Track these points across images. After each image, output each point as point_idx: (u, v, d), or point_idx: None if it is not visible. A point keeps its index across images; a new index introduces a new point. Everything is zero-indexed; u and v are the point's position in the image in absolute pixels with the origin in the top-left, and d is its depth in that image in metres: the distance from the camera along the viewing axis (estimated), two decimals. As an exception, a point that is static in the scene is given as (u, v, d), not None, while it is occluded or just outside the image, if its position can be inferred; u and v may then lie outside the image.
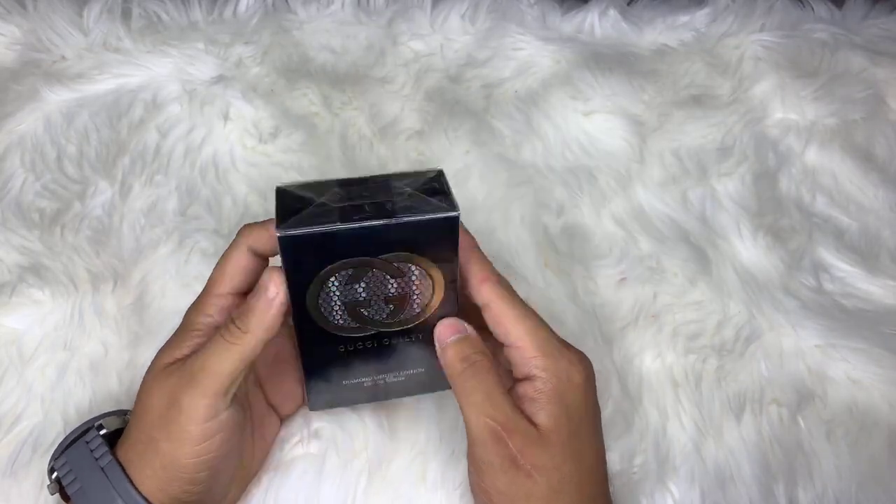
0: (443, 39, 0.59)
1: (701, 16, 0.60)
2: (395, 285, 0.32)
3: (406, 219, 0.30)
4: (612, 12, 0.60)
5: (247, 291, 0.34)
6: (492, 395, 0.32)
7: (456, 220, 0.31)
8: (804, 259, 0.50)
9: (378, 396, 0.38)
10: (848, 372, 0.45)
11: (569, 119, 0.55)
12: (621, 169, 0.53)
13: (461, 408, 0.33)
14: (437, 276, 0.32)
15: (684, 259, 0.49)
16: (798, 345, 0.46)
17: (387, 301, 0.33)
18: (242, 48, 0.56)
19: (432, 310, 0.34)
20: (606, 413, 0.43)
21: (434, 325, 0.34)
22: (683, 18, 0.60)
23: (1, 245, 0.46)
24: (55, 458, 0.34)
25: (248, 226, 0.35)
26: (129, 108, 0.53)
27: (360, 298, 0.32)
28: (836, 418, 0.43)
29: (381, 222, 0.30)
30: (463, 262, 0.34)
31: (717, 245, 0.50)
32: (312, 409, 0.38)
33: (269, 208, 0.49)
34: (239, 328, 0.32)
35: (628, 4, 0.61)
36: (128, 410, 0.37)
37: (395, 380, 0.37)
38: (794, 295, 0.48)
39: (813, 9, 0.61)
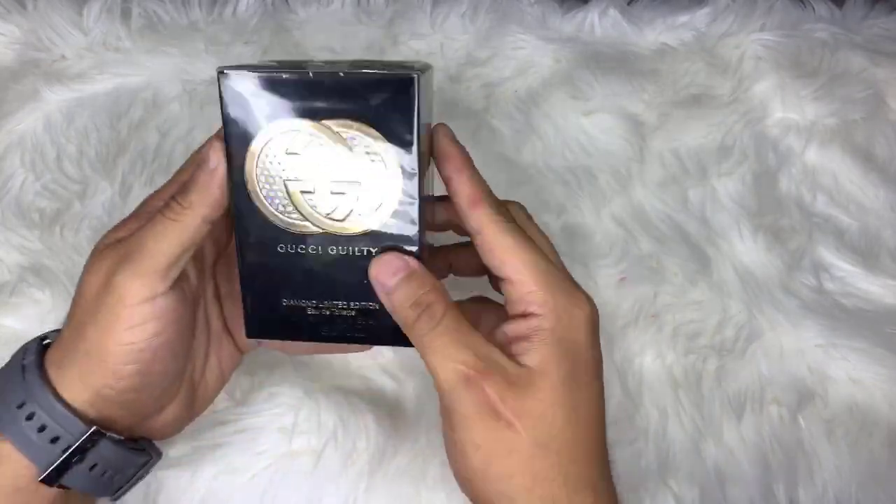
0: (443, 39, 0.59)
1: (701, 16, 0.60)
2: (342, 168, 0.29)
3: (353, 74, 0.27)
4: (613, 12, 0.60)
5: None
6: (458, 336, 0.28)
7: (411, 81, 0.27)
8: (804, 259, 0.50)
9: (320, 336, 0.32)
10: (848, 371, 0.45)
11: (569, 119, 0.55)
12: (621, 169, 0.53)
13: (424, 359, 0.28)
14: (393, 164, 0.28)
15: (684, 259, 0.49)
16: (798, 345, 0.46)
17: (332, 192, 0.29)
18: (242, 48, 0.56)
19: (386, 215, 0.29)
20: (607, 413, 0.43)
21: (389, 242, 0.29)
22: (683, 18, 0.60)
23: (1, 245, 0.46)
24: None
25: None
26: (129, 108, 0.53)
27: (302, 179, 0.29)
28: (836, 418, 0.44)
29: (326, 72, 0.27)
30: (451, 178, 0.30)
31: (717, 245, 0.50)
32: (248, 335, 0.33)
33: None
34: (180, 203, 0.29)
35: (628, 4, 0.61)
36: None
37: (344, 313, 0.32)
38: (794, 295, 0.48)
39: (813, 9, 0.61)
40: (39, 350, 0.32)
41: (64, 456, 0.29)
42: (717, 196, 0.52)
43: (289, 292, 0.32)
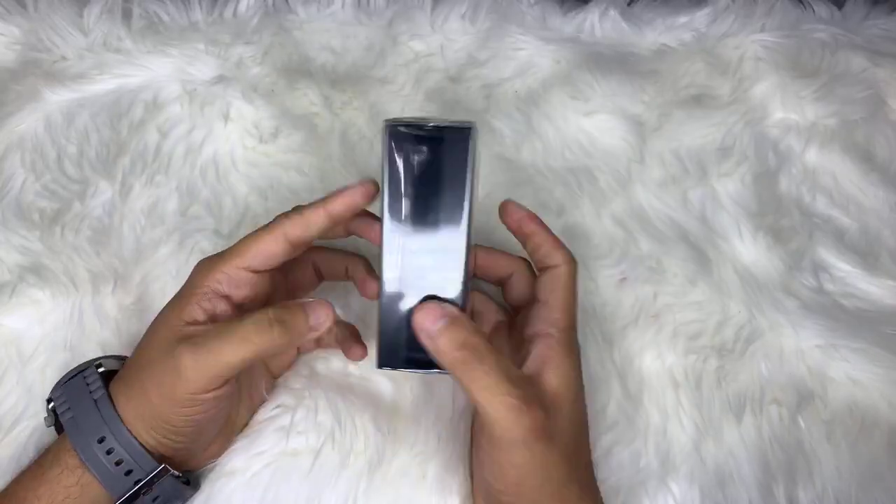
0: (443, 39, 0.59)
1: (701, 16, 0.60)
2: None
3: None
4: (613, 13, 0.60)
5: (260, 271, 0.34)
6: (503, 373, 0.31)
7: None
8: (804, 259, 0.50)
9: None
10: (848, 372, 0.45)
11: (569, 119, 0.55)
12: (621, 169, 0.53)
13: (470, 393, 0.31)
14: None
15: (684, 259, 0.49)
16: (798, 345, 0.46)
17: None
18: (243, 48, 0.56)
19: None
20: (607, 413, 0.43)
21: None
22: (683, 18, 0.60)
23: (1, 245, 0.46)
24: (53, 391, 0.35)
25: (286, 215, 0.35)
26: (129, 108, 0.53)
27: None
28: (836, 418, 0.43)
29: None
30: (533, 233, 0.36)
31: (717, 245, 0.50)
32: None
33: (269, 208, 0.49)
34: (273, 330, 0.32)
35: (628, 5, 0.61)
36: (126, 357, 0.38)
37: None
38: (794, 295, 0.48)
39: (813, 9, 0.61)
40: (104, 382, 0.35)
41: (135, 488, 0.33)
42: (717, 196, 0.52)
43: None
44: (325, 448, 0.40)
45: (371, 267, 0.40)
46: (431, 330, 0.32)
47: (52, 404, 0.35)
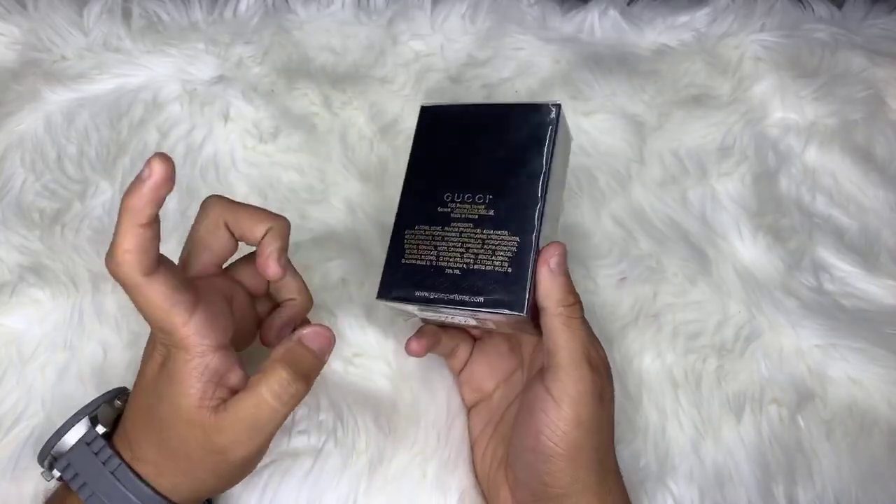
0: (443, 39, 0.59)
1: (701, 16, 0.60)
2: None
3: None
4: (612, 12, 0.60)
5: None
6: (589, 329, 0.35)
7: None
8: (804, 259, 0.50)
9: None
10: (848, 372, 0.45)
11: (569, 119, 0.55)
12: (621, 169, 0.53)
13: (554, 337, 0.34)
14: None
15: (684, 259, 0.49)
16: (798, 345, 0.46)
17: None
18: (243, 48, 0.56)
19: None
20: (606, 413, 0.43)
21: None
22: (683, 18, 0.60)
23: (1, 245, 0.46)
24: (54, 457, 0.33)
25: (110, 261, 0.31)
26: (129, 108, 0.53)
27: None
28: (836, 418, 0.43)
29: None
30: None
31: (717, 245, 0.50)
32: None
33: (269, 207, 0.49)
34: None
35: (628, 4, 0.61)
36: (118, 391, 0.37)
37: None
38: (794, 295, 0.48)
39: (813, 9, 0.61)
40: (112, 450, 0.33)
41: None
42: (717, 196, 0.52)
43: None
44: (327, 447, 0.40)
45: (285, 244, 0.36)
46: (553, 265, 0.34)
47: (55, 472, 0.33)
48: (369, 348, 0.43)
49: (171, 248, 0.46)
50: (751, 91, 0.57)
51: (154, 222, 0.29)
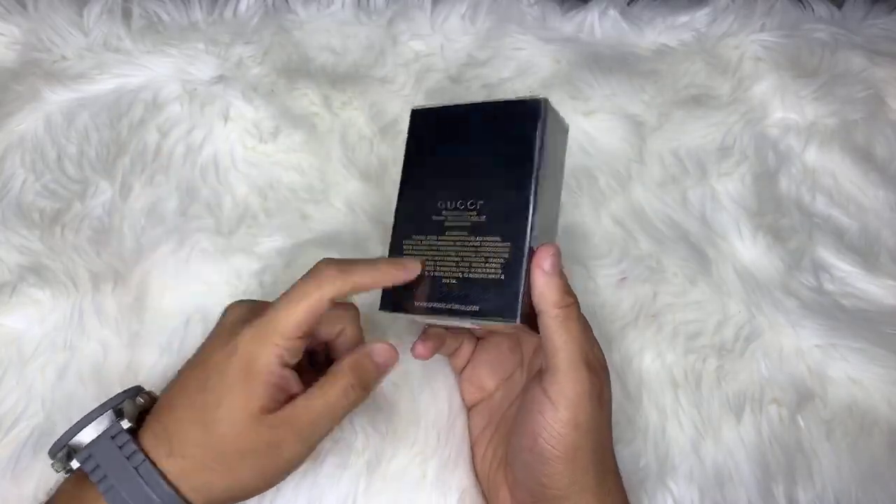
0: (443, 39, 0.59)
1: (701, 16, 0.60)
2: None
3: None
4: (613, 12, 0.60)
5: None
6: (588, 329, 0.35)
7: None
8: (804, 259, 0.50)
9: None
10: (848, 372, 0.45)
11: (569, 119, 0.55)
12: (621, 169, 0.53)
13: (552, 338, 0.34)
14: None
15: (684, 259, 0.49)
16: (798, 345, 0.46)
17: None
18: (243, 48, 0.56)
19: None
20: (606, 413, 0.43)
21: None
22: (683, 18, 0.60)
23: (1, 245, 0.46)
24: (73, 449, 0.33)
25: (329, 270, 0.34)
26: (129, 108, 0.53)
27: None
28: (836, 418, 0.44)
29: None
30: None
31: (716, 245, 0.50)
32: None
33: (269, 207, 0.49)
34: None
35: (628, 4, 0.61)
36: (137, 389, 0.37)
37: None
38: (794, 295, 0.48)
39: (813, 9, 0.61)
40: (137, 446, 0.33)
41: None
42: (717, 196, 0.52)
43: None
44: (325, 448, 0.40)
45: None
46: (547, 267, 0.34)
47: (74, 463, 0.33)
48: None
49: (171, 249, 0.46)
50: (751, 91, 0.57)
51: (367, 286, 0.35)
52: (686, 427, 0.43)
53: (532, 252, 0.34)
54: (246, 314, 0.35)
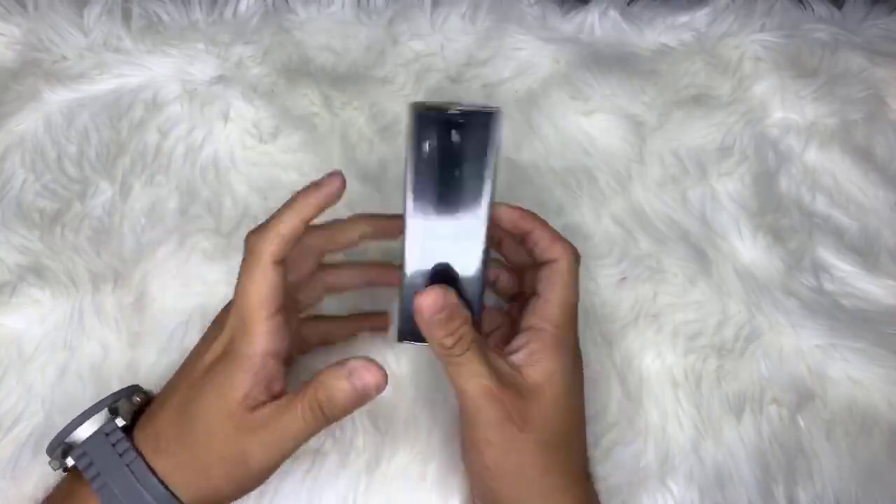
0: (443, 39, 0.59)
1: (701, 16, 0.60)
2: None
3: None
4: (612, 12, 0.60)
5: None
6: (482, 360, 0.33)
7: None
8: (804, 259, 0.50)
9: None
10: (848, 372, 0.45)
11: (569, 119, 0.55)
12: (621, 169, 0.53)
13: (451, 376, 0.33)
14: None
15: (684, 259, 0.49)
16: (798, 345, 0.46)
17: None
18: (243, 48, 0.56)
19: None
20: (607, 413, 0.43)
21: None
22: (683, 18, 0.60)
23: (1, 245, 0.46)
24: (69, 446, 0.34)
25: (257, 237, 0.33)
26: (129, 108, 0.53)
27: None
28: (836, 418, 0.44)
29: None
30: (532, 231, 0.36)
31: (717, 245, 0.50)
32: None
33: (269, 207, 0.49)
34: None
35: (628, 5, 0.61)
36: (134, 388, 0.37)
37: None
38: (794, 295, 0.48)
39: (813, 9, 0.61)
40: (130, 443, 0.33)
41: None
42: (717, 196, 0.52)
43: None
44: (325, 447, 0.40)
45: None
46: (430, 317, 0.33)
47: (69, 460, 0.33)
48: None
49: (171, 250, 0.46)
50: (751, 91, 0.57)
51: (307, 225, 0.34)
52: (686, 427, 0.43)
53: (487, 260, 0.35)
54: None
